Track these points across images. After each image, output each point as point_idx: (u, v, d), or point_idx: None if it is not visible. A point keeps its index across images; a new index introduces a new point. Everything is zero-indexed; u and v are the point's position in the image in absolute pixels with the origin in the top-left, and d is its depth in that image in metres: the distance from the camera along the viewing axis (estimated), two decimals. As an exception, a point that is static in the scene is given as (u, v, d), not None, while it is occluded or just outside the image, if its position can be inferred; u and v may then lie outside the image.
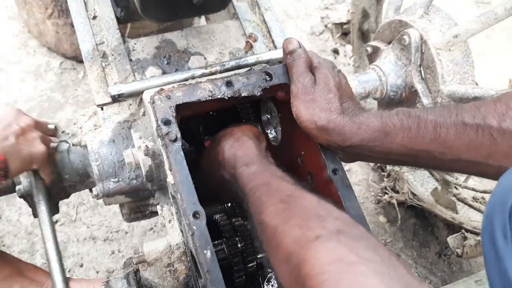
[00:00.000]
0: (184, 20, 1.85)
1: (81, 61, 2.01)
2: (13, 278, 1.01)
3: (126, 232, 1.67)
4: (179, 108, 0.84)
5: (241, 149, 0.88)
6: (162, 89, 0.85)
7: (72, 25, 1.85)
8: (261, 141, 0.94)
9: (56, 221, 1.66)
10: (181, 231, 0.87)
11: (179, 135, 0.81)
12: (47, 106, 1.91)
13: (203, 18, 1.82)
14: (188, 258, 0.86)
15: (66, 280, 0.97)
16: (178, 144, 0.80)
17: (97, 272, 1.59)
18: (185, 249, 0.87)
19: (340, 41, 1.91)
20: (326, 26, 2.33)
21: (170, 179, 0.81)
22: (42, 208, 0.99)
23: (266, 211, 0.69)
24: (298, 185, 0.74)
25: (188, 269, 0.87)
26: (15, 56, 2.04)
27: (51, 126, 1.11)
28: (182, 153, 0.80)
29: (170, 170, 0.80)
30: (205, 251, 0.73)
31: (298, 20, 2.38)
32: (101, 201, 1.70)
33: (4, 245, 1.60)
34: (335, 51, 2.24)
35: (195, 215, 0.75)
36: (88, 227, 1.67)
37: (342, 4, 2.42)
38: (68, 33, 1.91)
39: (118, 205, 1.22)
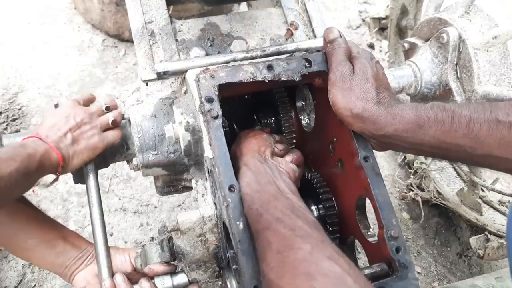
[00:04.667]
0: (224, 6, 1.89)
1: (122, 40, 2.08)
2: (57, 241, 1.08)
3: (155, 207, 1.73)
4: (222, 87, 0.88)
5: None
6: (207, 69, 0.89)
7: (117, 4, 1.94)
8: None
9: (90, 191, 1.75)
10: (215, 204, 0.91)
11: (220, 113, 0.86)
12: (88, 80, 1.99)
13: (243, 5, 1.86)
14: (220, 230, 0.91)
15: (108, 248, 1.03)
16: (219, 121, 0.85)
17: (126, 242, 1.66)
18: (217, 221, 0.92)
19: (376, 36, 1.92)
20: (363, 20, 2.33)
21: (208, 153, 0.85)
22: (91, 178, 1.05)
23: (266, 260, 0.69)
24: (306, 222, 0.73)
25: (219, 240, 0.92)
26: (60, 31, 2.13)
27: (104, 108, 1.07)
28: (222, 129, 0.84)
29: (210, 145, 0.84)
30: (238, 222, 0.77)
31: (336, 13, 2.39)
32: (133, 175, 1.79)
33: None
34: (371, 46, 2.24)
35: (231, 188, 0.80)
36: (119, 199, 1.75)
37: (381, -1, 2.41)
38: (113, 12, 1.97)
39: (152, 179, 1.28)
